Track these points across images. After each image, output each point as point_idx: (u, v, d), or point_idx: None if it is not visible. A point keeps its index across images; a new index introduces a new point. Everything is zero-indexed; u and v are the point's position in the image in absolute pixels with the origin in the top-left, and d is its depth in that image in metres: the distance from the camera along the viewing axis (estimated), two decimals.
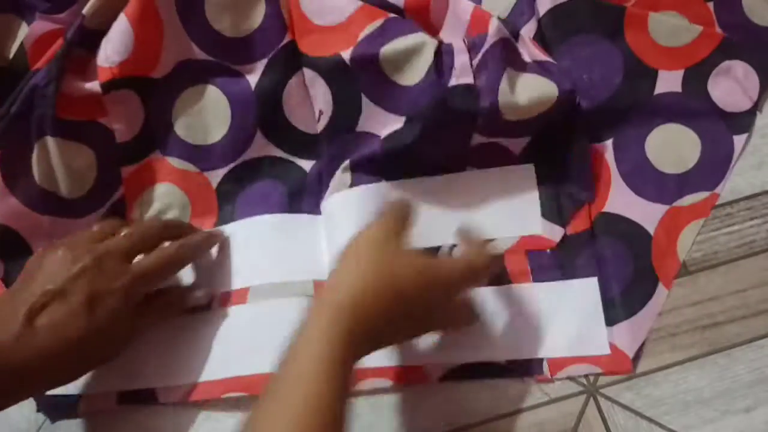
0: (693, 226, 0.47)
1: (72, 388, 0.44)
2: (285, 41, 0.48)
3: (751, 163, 0.48)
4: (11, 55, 0.48)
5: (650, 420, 0.43)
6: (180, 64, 0.48)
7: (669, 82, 0.49)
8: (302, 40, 0.47)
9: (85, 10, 0.45)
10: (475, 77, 0.44)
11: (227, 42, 0.48)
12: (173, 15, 0.46)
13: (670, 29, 0.49)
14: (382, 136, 0.47)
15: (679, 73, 0.49)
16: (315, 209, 0.49)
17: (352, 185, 0.47)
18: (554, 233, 0.46)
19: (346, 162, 0.47)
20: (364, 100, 0.47)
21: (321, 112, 0.48)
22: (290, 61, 0.48)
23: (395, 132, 0.46)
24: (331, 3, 0.46)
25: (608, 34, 0.49)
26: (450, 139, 0.47)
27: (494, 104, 0.43)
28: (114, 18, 0.45)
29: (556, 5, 0.48)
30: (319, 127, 0.49)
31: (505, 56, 0.45)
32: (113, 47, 0.45)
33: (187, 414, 0.44)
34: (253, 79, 0.49)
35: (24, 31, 0.49)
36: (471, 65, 0.45)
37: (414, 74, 0.45)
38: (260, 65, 0.48)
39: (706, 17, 0.50)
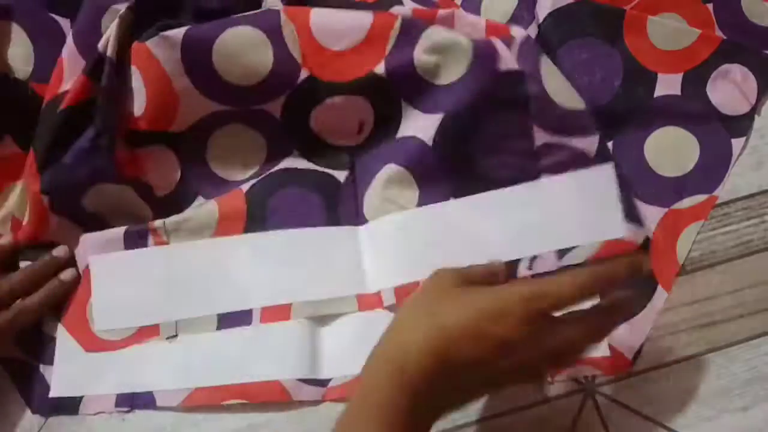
0: (692, 228, 0.47)
1: (74, 389, 0.45)
2: (302, 78, 0.46)
3: (749, 163, 0.49)
4: (8, 60, 0.48)
5: (648, 418, 0.43)
6: (201, 119, 0.48)
7: (668, 85, 0.49)
8: (324, 71, 0.46)
9: (109, 52, 0.44)
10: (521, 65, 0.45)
11: (242, 91, 0.46)
12: (183, 76, 0.45)
13: (668, 33, 0.49)
14: (428, 142, 0.46)
15: (678, 77, 0.49)
16: (353, 219, 0.48)
17: (419, 203, 0.47)
18: (638, 235, 0.44)
19: (397, 170, 0.47)
20: (404, 105, 0.47)
21: (362, 123, 0.48)
22: (311, 95, 0.47)
23: (440, 126, 0.46)
24: (343, 25, 0.45)
25: (608, 38, 0.49)
26: (508, 134, 0.46)
27: (543, 90, 0.44)
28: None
29: (556, 8, 0.48)
30: (361, 137, 0.49)
31: (537, 49, 0.45)
32: (135, 100, 0.45)
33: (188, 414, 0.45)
34: (276, 113, 0.48)
35: (20, 35, 0.49)
36: (512, 55, 0.45)
37: (451, 73, 0.45)
38: (280, 101, 0.48)
39: (706, 18, 0.50)
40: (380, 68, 0.45)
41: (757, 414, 0.42)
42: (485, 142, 0.46)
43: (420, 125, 0.47)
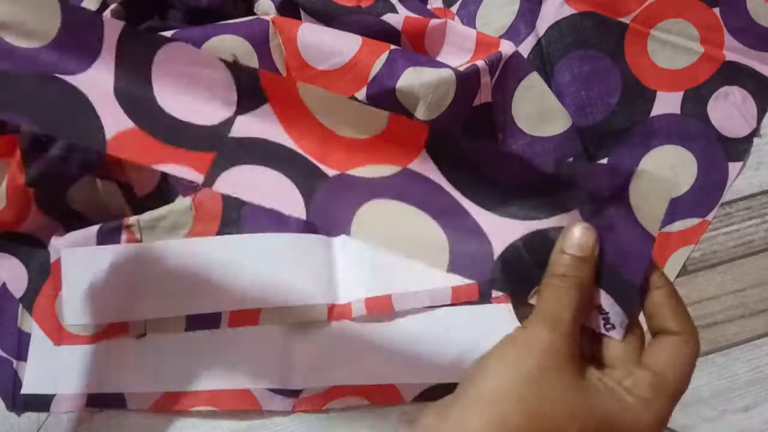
0: (681, 252, 0.46)
1: (45, 386, 0.45)
2: None
3: (749, 163, 0.48)
4: None
5: None
6: None
7: (667, 103, 0.49)
8: None
9: None
10: (493, 95, 0.45)
11: None
12: None
13: (669, 51, 0.49)
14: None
15: (678, 95, 0.49)
16: (330, 230, 0.48)
17: None
18: None
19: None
20: None
21: None
22: None
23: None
24: (332, 46, 0.44)
25: (609, 52, 0.48)
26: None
27: (510, 118, 0.46)
28: None
29: (559, 20, 0.48)
30: None
31: (524, 65, 0.45)
32: None
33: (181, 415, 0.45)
34: None
35: None
36: (491, 83, 0.45)
37: (432, 110, 0.44)
38: None
39: (713, 22, 0.49)
40: (361, 94, 0.45)
41: (758, 414, 0.42)
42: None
43: None
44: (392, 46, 0.45)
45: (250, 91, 0.41)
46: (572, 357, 0.26)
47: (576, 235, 0.29)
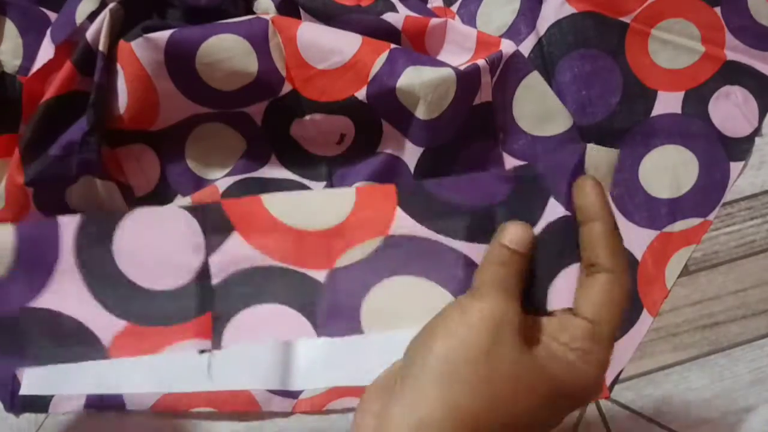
0: (682, 253, 0.46)
1: (44, 388, 0.44)
2: (284, 91, 0.46)
3: (751, 162, 0.48)
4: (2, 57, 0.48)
5: (650, 420, 0.43)
6: (182, 119, 0.47)
7: (668, 103, 0.48)
8: (307, 87, 0.45)
9: (101, 47, 0.44)
10: (493, 94, 0.45)
11: (225, 95, 0.46)
12: (166, 79, 0.44)
13: (669, 51, 0.49)
14: (408, 164, 0.47)
15: (679, 95, 0.49)
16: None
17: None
18: None
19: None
20: (385, 123, 0.47)
21: (343, 135, 0.47)
22: (292, 108, 0.47)
23: (420, 162, 0.46)
24: (332, 45, 0.44)
25: (610, 51, 0.48)
26: (480, 162, 0.47)
27: (511, 118, 0.46)
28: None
29: (559, 19, 0.48)
30: (341, 148, 0.48)
31: (525, 64, 0.46)
32: (119, 99, 0.45)
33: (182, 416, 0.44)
34: (257, 118, 0.48)
35: (9, 28, 0.48)
36: (492, 82, 0.45)
37: (433, 110, 0.44)
38: (261, 107, 0.47)
39: (714, 22, 0.49)
40: (361, 93, 0.45)
41: (760, 416, 0.42)
42: (460, 170, 0.47)
43: (402, 148, 0.47)
44: (392, 45, 0.44)
45: (213, 225, 0.45)
46: (520, 327, 0.27)
47: (512, 231, 0.30)
